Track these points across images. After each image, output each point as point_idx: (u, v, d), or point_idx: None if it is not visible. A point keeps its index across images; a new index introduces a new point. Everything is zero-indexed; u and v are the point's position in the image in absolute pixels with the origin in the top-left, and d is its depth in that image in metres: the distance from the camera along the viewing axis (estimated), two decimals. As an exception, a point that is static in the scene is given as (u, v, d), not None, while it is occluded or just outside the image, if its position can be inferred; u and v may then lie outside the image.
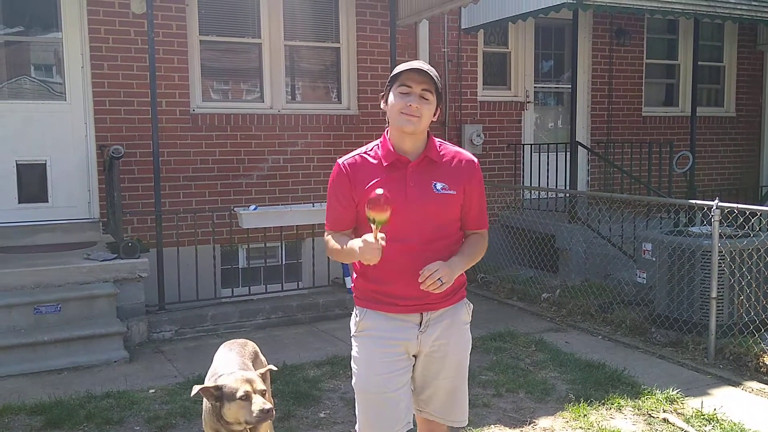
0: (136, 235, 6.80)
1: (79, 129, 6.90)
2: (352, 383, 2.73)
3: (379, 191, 2.37)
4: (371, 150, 2.66)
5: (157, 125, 6.26)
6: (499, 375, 5.01)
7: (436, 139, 2.68)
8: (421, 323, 2.63)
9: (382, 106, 2.62)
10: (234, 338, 3.59)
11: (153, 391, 4.75)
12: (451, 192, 2.59)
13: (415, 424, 2.84)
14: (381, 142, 2.65)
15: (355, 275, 2.72)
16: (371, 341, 2.64)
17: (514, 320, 6.55)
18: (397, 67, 2.59)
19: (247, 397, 2.76)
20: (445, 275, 2.48)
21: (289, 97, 7.91)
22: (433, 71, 2.56)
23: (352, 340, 2.73)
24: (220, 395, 2.79)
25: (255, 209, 6.94)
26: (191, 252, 6.65)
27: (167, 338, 6.04)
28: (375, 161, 2.61)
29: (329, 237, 2.67)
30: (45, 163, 6.83)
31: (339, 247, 2.59)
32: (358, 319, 2.69)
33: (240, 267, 7.55)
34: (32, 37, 6.93)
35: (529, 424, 4.26)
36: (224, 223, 7.06)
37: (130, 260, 5.91)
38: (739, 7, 8.53)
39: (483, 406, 4.48)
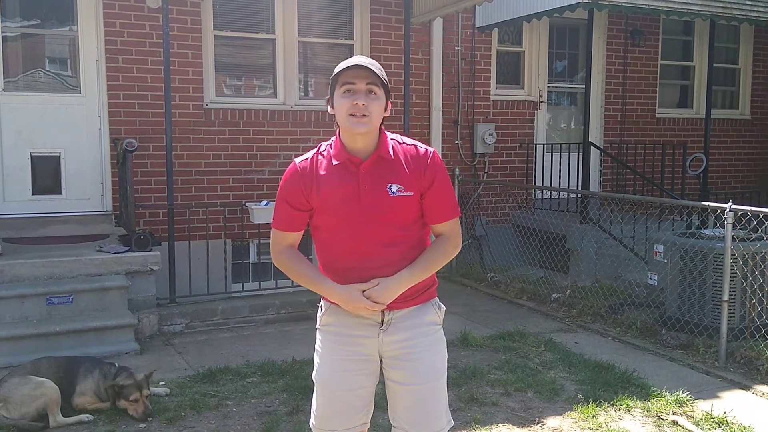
0: (148, 228, 6.83)
1: (93, 122, 6.94)
2: (313, 375, 2.67)
3: None
4: (324, 150, 2.52)
5: (170, 119, 6.28)
6: (507, 374, 5.01)
7: (391, 135, 2.53)
8: (382, 322, 2.53)
9: (329, 110, 2.48)
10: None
11: (163, 383, 4.77)
12: (407, 194, 2.43)
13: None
14: (333, 141, 2.51)
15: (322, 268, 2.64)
16: (333, 336, 2.59)
17: (524, 320, 6.54)
18: (337, 67, 2.43)
19: None
20: (382, 296, 2.43)
21: (302, 94, 7.93)
22: (375, 65, 2.42)
23: (317, 332, 2.67)
24: None
25: (266, 205, 6.95)
26: (202, 246, 6.68)
27: (177, 331, 6.07)
28: (327, 162, 2.48)
29: (284, 253, 2.57)
30: (59, 156, 6.87)
31: (307, 275, 2.53)
32: (322, 312, 2.64)
33: (251, 262, 7.58)
34: (48, 30, 6.97)
35: (537, 423, 4.26)
36: (236, 218, 7.09)
37: (141, 253, 5.95)
38: (755, 8, 8.48)
39: (491, 404, 4.48)
